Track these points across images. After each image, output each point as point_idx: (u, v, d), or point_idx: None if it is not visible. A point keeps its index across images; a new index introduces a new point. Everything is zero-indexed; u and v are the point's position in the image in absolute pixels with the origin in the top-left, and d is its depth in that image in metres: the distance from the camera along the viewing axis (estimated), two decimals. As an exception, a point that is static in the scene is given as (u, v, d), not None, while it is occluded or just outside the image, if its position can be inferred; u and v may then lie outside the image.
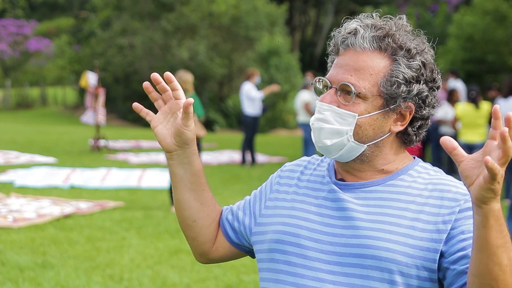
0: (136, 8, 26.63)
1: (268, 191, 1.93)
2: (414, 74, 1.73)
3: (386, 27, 1.75)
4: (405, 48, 1.74)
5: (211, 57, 25.12)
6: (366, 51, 1.73)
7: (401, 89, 1.72)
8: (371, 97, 1.72)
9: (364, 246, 1.68)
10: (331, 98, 1.73)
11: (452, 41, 17.16)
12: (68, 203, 8.78)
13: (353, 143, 1.73)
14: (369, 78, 1.72)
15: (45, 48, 34.76)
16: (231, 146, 17.33)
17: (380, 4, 29.53)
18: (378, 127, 1.74)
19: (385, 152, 1.77)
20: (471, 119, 11.02)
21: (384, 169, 1.78)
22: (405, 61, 1.73)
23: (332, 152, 1.75)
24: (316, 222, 1.76)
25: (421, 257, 1.67)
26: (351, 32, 1.74)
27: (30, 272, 5.86)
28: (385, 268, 1.67)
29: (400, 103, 1.73)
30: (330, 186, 1.80)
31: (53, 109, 32.98)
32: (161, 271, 6.05)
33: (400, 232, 1.68)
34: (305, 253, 1.74)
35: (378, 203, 1.74)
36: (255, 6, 25.67)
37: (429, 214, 1.70)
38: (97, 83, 15.55)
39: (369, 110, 1.72)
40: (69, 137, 18.92)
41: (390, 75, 1.72)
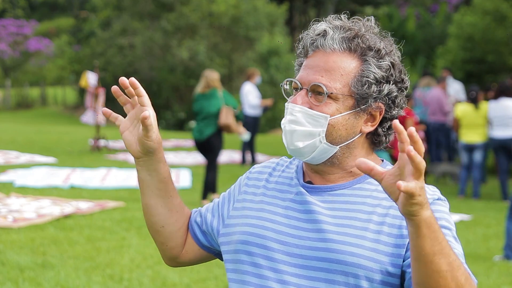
0: (136, 8, 26.63)
1: (237, 192, 1.92)
2: (384, 74, 1.74)
3: (355, 28, 1.75)
4: (374, 49, 1.74)
5: (211, 57, 25.12)
6: (336, 52, 1.73)
7: (372, 89, 1.73)
8: (342, 97, 1.72)
9: (330, 250, 1.67)
10: (302, 99, 1.73)
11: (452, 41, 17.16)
12: (68, 203, 8.78)
13: (326, 145, 1.73)
14: (340, 79, 1.72)
15: (45, 48, 34.75)
16: (231, 146, 17.32)
17: (380, 4, 29.54)
18: (350, 127, 1.74)
19: (355, 154, 1.77)
20: (470, 119, 11.03)
21: (353, 171, 1.78)
22: (375, 61, 1.74)
23: (304, 155, 1.74)
24: (283, 224, 1.76)
25: (386, 262, 1.66)
26: (320, 34, 1.74)
27: (30, 272, 5.86)
28: (351, 273, 1.66)
29: (371, 103, 1.74)
30: (298, 189, 1.79)
31: (53, 109, 32.98)
32: (161, 271, 6.05)
33: (366, 237, 1.68)
34: (271, 255, 1.74)
35: (345, 206, 1.73)
36: (255, 6, 25.67)
37: (394, 218, 1.69)
38: (97, 83, 15.54)
39: (340, 110, 1.72)
40: (69, 137, 18.92)
41: (361, 75, 1.72)
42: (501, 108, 10.67)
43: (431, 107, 13.14)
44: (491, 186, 12.42)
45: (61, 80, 36.47)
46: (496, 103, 10.75)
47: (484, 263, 6.89)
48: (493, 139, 10.94)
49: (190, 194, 10.15)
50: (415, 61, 23.59)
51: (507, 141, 10.74)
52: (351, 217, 1.71)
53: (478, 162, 11.08)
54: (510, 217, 6.93)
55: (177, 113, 25.12)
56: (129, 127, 1.82)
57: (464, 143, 11.22)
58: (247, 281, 1.76)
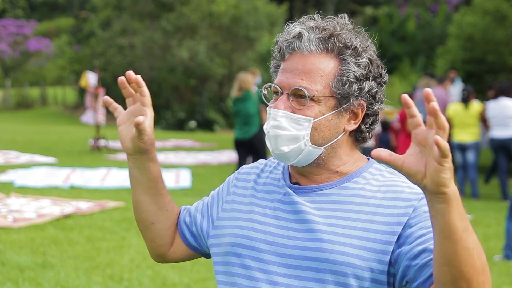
0: (136, 8, 26.64)
1: (225, 193, 1.93)
2: (363, 72, 1.73)
3: (330, 27, 1.74)
4: (351, 47, 1.73)
5: (211, 57, 25.13)
6: (313, 53, 1.72)
7: (353, 87, 1.72)
8: (324, 98, 1.72)
9: (319, 250, 1.68)
10: (284, 104, 1.72)
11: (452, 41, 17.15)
12: (68, 203, 8.78)
13: (311, 147, 1.73)
14: (320, 80, 1.71)
15: (45, 48, 34.76)
16: (231, 146, 17.31)
17: (380, 4, 29.52)
18: (333, 127, 1.74)
19: (340, 153, 1.77)
20: (461, 118, 11.05)
21: (339, 171, 1.78)
22: (353, 59, 1.73)
23: (290, 159, 1.75)
24: (272, 225, 1.76)
25: (375, 259, 1.66)
26: (295, 36, 1.74)
27: (30, 272, 5.86)
28: (340, 271, 1.66)
29: (353, 102, 1.73)
30: (285, 189, 1.80)
31: (53, 109, 32.98)
32: (161, 271, 6.05)
33: (355, 235, 1.68)
34: (261, 256, 1.74)
35: (332, 206, 1.74)
36: (255, 6, 25.68)
37: (383, 215, 1.70)
38: (97, 83, 15.55)
39: (323, 112, 1.72)
40: (69, 137, 18.92)
41: (341, 75, 1.72)
42: (500, 108, 10.68)
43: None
44: (491, 186, 12.42)
45: (61, 80, 36.49)
46: (496, 103, 10.76)
47: (484, 263, 6.89)
48: (493, 139, 10.94)
49: (190, 194, 10.15)
50: (415, 61, 23.59)
51: (507, 141, 10.73)
52: (339, 217, 1.71)
53: (471, 162, 11.06)
54: (510, 217, 6.93)
55: (177, 113, 25.12)
56: (125, 121, 1.84)
57: (456, 143, 11.24)
58: (237, 283, 1.77)
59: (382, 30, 24.15)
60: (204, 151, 16.77)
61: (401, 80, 21.91)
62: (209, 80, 25.66)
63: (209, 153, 16.19)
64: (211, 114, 24.60)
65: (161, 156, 15.01)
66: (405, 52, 23.85)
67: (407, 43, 24.46)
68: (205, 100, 25.24)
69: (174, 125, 24.74)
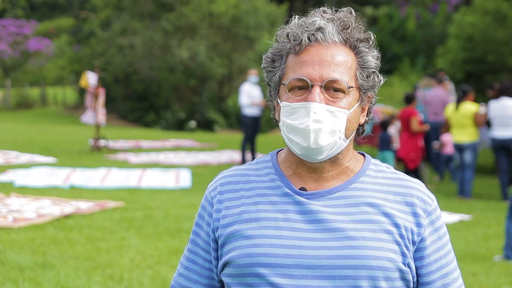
0: (136, 8, 26.62)
1: (212, 213, 1.78)
2: (377, 64, 1.74)
3: (347, 20, 1.72)
4: (367, 40, 1.73)
5: (211, 57, 25.11)
6: (337, 44, 1.69)
7: (374, 79, 1.72)
8: (352, 90, 1.70)
9: (353, 257, 1.64)
10: (319, 97, 1.66)
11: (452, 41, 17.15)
12: (68, 203, 8.78)
13: (343, 141, 1.70)
14: (348, 72, 1.69)
15: (45, 48, 34.74)
16: (231, 146, 17.32)
17: (380, 4, 29.51)
18: (357, 120, 1.73)
19: (349, 147, 1.75)
20: (456, 119, 11.06)
21: (348, 166, 1.75)
22: (370, 51, 1.73)
23: (323, 153, 1.68)
24: (292, 238, 1.67)
25: (401, 260, 1.67)
26: (318, 28, 1.69)
27: (30, 272, 5.85)
28: (375, 276, 1.64)
29: (369, 94, 1.74)
30: (294, 198, 1.71)
31: (53, 109, 32.97)
32: (161, 271, 6.05)
33: (382, 238, 1.66)
34: (290, 272, 1.65)
35: (349, 210, 1.69)
36: (255, 6, 25.66)
37: (399, 212, 1.70)
38: (97, 83, 15.54)
39: (353, 104, 1.70)
40: (69, 137, 18.92)
41: (363, 66, 1.71)
42: (502, 108, 10.67)
43: (432, 106, 13.15)
44: (491, 186, 12.42)
45: (61, 80, 36.46)
46: (497, 103, 10.75)
47: (484, 263, 6.89)
48: (494, 139, 10.94)
49: (190, 194, 10.15)
50: (415, 61, 23.59)
51: (507, 141, 10.73)
52: (363, 220, 1.68)
53: (468, 162, 11.05)
54: (510, 217, 6.93)
55: (177, 113, 25.11)
56: None
57: (454, 143, 11.27)
58: None
59: (382, 30, 24.15)
60: (204, 151, 16.77)
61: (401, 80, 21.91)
62: (209, 80, 25.64)
63: (209, 153, 16.19)
64: (211, 114, 24.59)
65: (161, 156, 15.01)
66: (405, 52, 23.86)
67: (407, 43, 24.46)
68: (205, 100, 25.22)
69: (174, 125, 24.72)
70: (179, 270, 1.87)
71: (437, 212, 1.73)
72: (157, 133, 22.22)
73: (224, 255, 1.73)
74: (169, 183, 11.10)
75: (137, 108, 26.33)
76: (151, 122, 25.44)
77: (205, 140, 19.42)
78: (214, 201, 1.78)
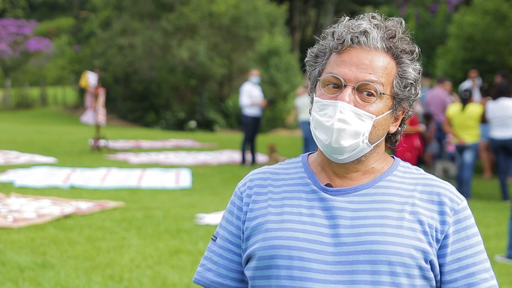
0: (136, 8, 26.63)
1: (242, 205, 1.83)
2: (418, 77, 1.76)
3: (394, 29, 1.76)
4: (410, 51, 1.76)
5: (211, 57, 25.12)
6: (378, 51, 1.72)
7: (411, 91, 1.75)
8: (385, 97, 1.72)
9: (372, 253, 1.67)
10: (349, 97, 1.69)
11: (452, 41, 17.14)
12: (68, 203, 8.78)
13: (366, 145, 1.73)
14: (385, 78, 1.71)
15: (45, 48, 34.74)
16: (231, 146, 17.33)
17: (380, 4, 29.53)
18: (386, 127, 1.76)
19: (378, 152, 1.78)
20: (460, 120, 11.03)
21: (374, 167, 1.78)
22: (411, 63, 1.75)
23: (344, 154, 1.71)
24: (313, 233, 1.71)
25: (423, 258, 1.68)
26: (362, 31, 1.72)
27: (30, 272, 5.86)
28: (395, 272, 1.67)
29: (403, 104, 1.76)
30: (319, 195, 1.75)
31: (53, 109, 32.98)
32: (161, 271, 6.05)
33: (404, 235, 1.69)
34: (309, 266, 1.69)
35: (373, 206, 1.73)
36: (255, 6, 25.67)
37: (425, 210, 1.72)
38: (97, 83, 15.55)
39: (383, 110, 1.72)
40: (69, 137, 18.92)
41: (401, 76, 1.73)
42: (501, 109, 10.67)
43: (432, 107, 13.14)
44: (491, 186, 12.42)
45: (61, 80, 36.49)
46: (495, 104, 10.74)
47: (484, 263, 6.88)
48: (494, 139, 10.94)
49: (190, 194, 10.15)
50: (415, 61, 23.61)
51: (507, 141, 10.73)
52: (386, 216, 1.71)
53: (468, 162, 11.05)
54: (512, 218, 6.93)
55: (177, 113, 25.12)
56: None
57: (456, 144, 11.23)
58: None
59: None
60: (204, 151, 16.77)
61: (401, 80, 21.90)
62: (209, 80, 25.65)
63: (209, 153, 16.19)
64: (211, 114, 24.59)
65: (161, 156, 15.01)
66: (405, 52, 23.85)
67: (407, 43, 24.45)
68: (205, 100, 25.23)
69: (174, 125, 24.74)
70: (206, 265, 1.87)
71: (466, 212, 1.74)
72: (157, 133, 22.23)
73: (248, 248, 1.78)
74: (169, 183, 11.11)
75: (137, 108, 26.33)
76: (151, 122, 25.44)
77: (205, 140, 19.43)
78: (244, 196, 1.83)
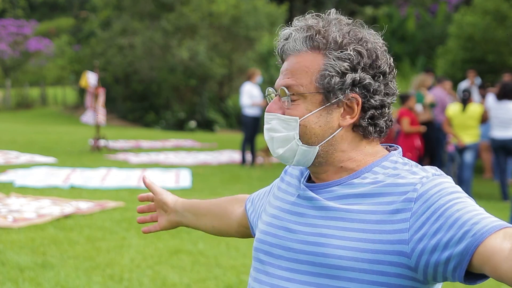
0: (136, 8, 26.63)
1: (271, 196, 1.95)
2: (347, 64, 1.69)
3: (314, 25, 1.74)
4: (333, 41, 1.71)
5: (211, 57, 25.12)
6: (302, 52, 1.73)
7: (334, 81, 1.69)
8: (309, 95, 1.70)
9: (316, 254, 1.68)
10: (276, 105, 1.75)
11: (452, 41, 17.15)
12: (68, 203, 8.78)
13: (304, 147, 1.72)
14: (305, 77, 1.71)
15: (45, 48, 34.75)
16: (231, 146, 17.33)
17: (380, 4, 29.52)
18: (324, 124, 1.71)
19: (342, 149, 1.73)
20: (460, 120, 11.01)
21: (343, 166, 1.74)
22: (335, 53, 1.70)
23: (288, 160, 1.76)
24: (285, 220, 1.80)
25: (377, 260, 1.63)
26: (285, 38, 1.76)
27: (30, 272, 5.86)
28: (341, 276, 1.64)
29: (340, 95, 1.70)
30: (298, 191, 1.82)
31: (53, 109, 32.98)
32: (161, 271, 6.05)
33: (362, 238, 1.63)
34: (276, 262, 1.77)
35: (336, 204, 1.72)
36: (255, 6, 25.67)
37: (386, 213, 1.64)
38: (97, 83, 15.55)
39: (310, 108, 1.71)
40: (69, 137, 18.92)
41: (323, 69, 1.70)
42: (503, 110, 10.65)
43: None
44: (491, 186, 12.42)
45: (61, 80, 36.49)
46: (498, 104, 10.73)
47: (484, 263, 6.88)
48: (494, 139, 10.93)
49: (190, 194, 10.15)
50: (415, 61, 23.59)
51: (507, 141, 10.73)
52: (340, 217, 1.70)
53: (468, 163, 11.04)
54: None
55: (177, 113, 25.12)
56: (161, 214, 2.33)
57: (455, 144, 11.23)
58: (261, 280, 1.81)
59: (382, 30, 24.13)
60: (204, 151, 16.77)
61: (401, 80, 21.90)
62: (209, 80, 25.65)
63: (209, 153, 16.19)
64: (211, 114, 24.59)
65: (161, 156, 15.01)
66: (405, 52, 23.85)
67: (407, 43, 24.46)
68: (205, 100, 25.23)
69: (174, 125, 24.74)
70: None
71: (429, 192, 1.61)
72: (157, 133, 22.23)
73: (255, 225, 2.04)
74: (169, 183, 11.11)
75: (137, 108, 26.34)
76: (151, 122, 25.44)
77: (205, 140, 19.43)
78: (275, 186, 1.98)
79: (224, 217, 2.19)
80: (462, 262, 1.52)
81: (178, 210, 2.26)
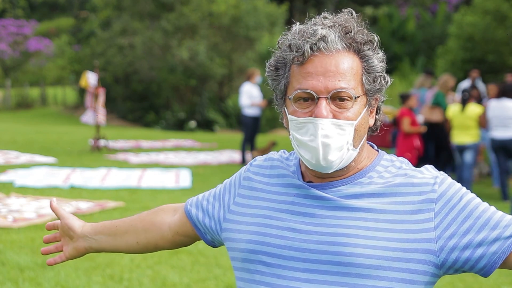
0: (136, 8, 26.62)
1: (237, 185, 1.89)
2: (383, 65, 1.71)
3: (348, 24, 1.69)
4: (370, 42, 1.70)
5: (211, 57, 25.12)
6: (340, 52, 1.65)
7: (380, 82, 1.71)
8: (359, 97, 1.68)
9: (339, 254, 1.65)
10: (326, 110, 1.64)
11: (452, 41, 17.16)
12: (68, 203, 8.78)
13: (352, 151, 1.69)
14: (354, 79, 1.66)
15: (45, 48, 34.76)
16: (231, 146, 17.33)
17: (380, 4, 29.53)
18: (366, 125, 1.72)
19: (362, 148, 1.75)
20: (459, 120, 11.01)
21: (359, 167, 1.75)
22: (374, 54, 1.70)
23: (333, 167, 1.68)
24: (288, 221, 1.74)
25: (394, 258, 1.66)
26: (320, 37, 1.65)
27: (30, 272, 5.86)
28: (363, 274, 1.65)
29: (376, 96, 1.73)
30: (301, 190, 1.75)
31: (53, 109, 32.98)
32: (161, 271, 6.05)
33: (389, 238, 1.65)
34: (289, 264, 1.71)
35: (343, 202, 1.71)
36: (255, 6, 25.67)
37: (402, 209, 1.68)
38: (97, 83, 15.55)
39: (360, 111, 1.68)
40: (69, 137, 18.92)
41: (368, 70, 1.68)
42: (502, 109, 10.66)
43: (431, 107, 13.13)
44: (491, 186, 12.42)
45: (61, 80, 36.48)
46: (497, 103, 10.73)
47: (484, 263, 6.88)
48: (493, 139, 10.93)
49: (190, 194, 10.15)
50: (415, 61, 23.59)
51: (507, 141, 10.72)
52: (356, 217, 1.70)
53: (468, 163, 11.03)
54: None
55: (177, 113, 25.11)
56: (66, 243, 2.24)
57: (455, 144, 11.22)
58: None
59: (382, 30, 24.16)
60: (204, 151, 16.77)
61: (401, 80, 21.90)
62: (209, 80, 25.65)
63: (209, 153, 16.18)
64: (211, 114, 24.58)
65: (161, 156, 15.01)
66: (405, 52, 23.85)
67: (407, 43, 24.46)
68: (205, 100, 25.22)
69: (174, 125, 24.73)
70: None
71: (441, 189, 1.68)
72: (157, 133, 22.22)
73: (226, 222, 1.89)
74: (169, 183, 11.10)
75: (137, 108, 26.33)
76: (151, 122, 25.44)
77: (205, 140, 19.43)
78: (243, 176, 1.94)
79: (151, 230, 2.02)
80: (497, 260, 1.64)
81: (86, 235, 2.14)
